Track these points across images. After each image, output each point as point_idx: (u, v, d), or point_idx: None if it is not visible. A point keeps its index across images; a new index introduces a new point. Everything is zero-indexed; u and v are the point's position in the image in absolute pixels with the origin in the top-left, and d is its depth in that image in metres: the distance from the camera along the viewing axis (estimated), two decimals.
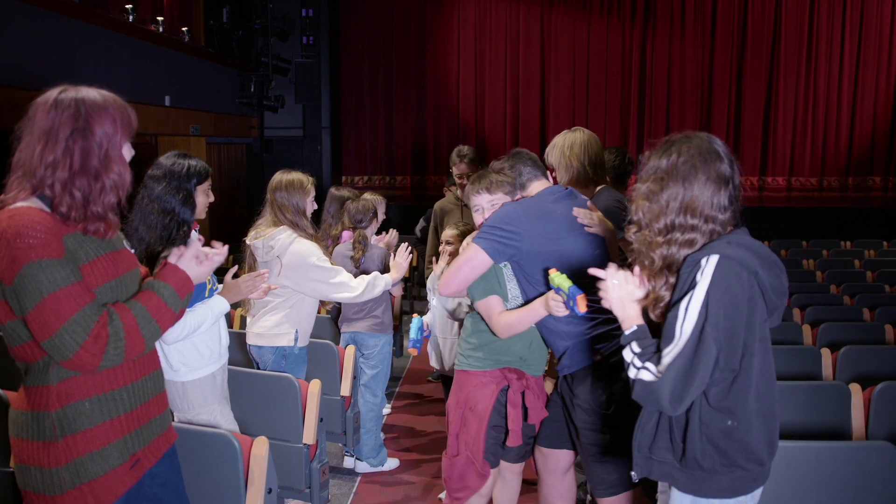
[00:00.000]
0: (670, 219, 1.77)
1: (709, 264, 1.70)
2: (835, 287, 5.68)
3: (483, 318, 2.56)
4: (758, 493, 1.83)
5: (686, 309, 1.70)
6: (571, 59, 12.21)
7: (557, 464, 2.66)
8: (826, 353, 3.52)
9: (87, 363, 1.60)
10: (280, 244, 3.18)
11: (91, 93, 1.68)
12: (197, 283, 1.88)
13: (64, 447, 1.64)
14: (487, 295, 2.51)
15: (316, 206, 3.37)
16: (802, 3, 11.84)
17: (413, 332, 3.53)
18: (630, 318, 1.84)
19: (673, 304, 1.75)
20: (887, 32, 11.73)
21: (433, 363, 3.60)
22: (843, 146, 11.92)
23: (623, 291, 1.85)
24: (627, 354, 1.80)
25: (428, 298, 3.69)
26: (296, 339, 3.25)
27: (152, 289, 1.76)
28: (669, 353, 1.71)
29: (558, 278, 2.22)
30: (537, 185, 2.60)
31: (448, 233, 3.52)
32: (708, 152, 1.77)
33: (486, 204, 2.56)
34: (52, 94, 1.66)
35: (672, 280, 1.79)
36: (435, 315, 3.52)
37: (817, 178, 12.03)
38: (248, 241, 3.28)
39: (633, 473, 1.90)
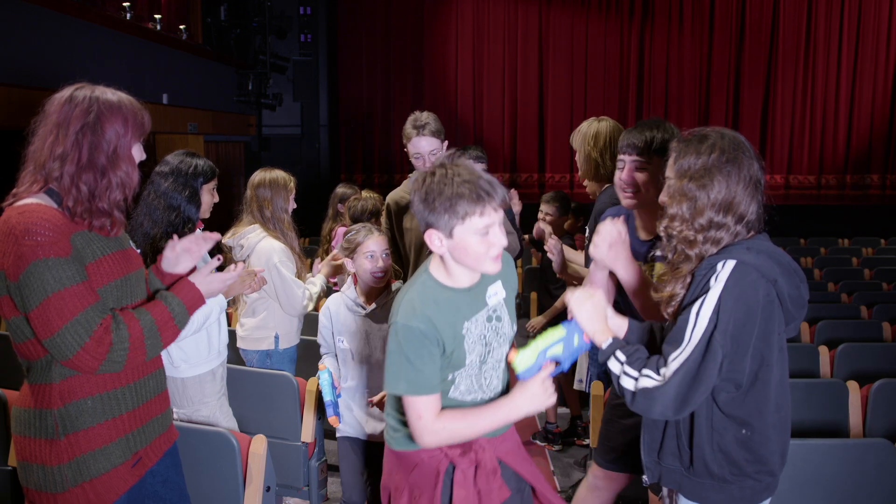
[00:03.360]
0: (709, 216, 1.69)
1: (724, 269, 1.64)
2: (832, 284, 5.69)
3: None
4: (766, 503, 1.81)
5: (697, 314, 1.65)
6: (570, 57, 12.19)
7: (625, 482, 2.52)
8: (824, 351, 3.52)
9: (86, 364, 1.60)
10: (248, 243, 3.17)
11: (107, 92, 1.71)
12: (209, 298, 1.87)
13: (66, 445, 1.65)
14: (424, 392, 1.69)
15: (295, 206, 3.31)
16: (800, 1, 11.85)
17: (327, 393, 2.53)
18: (598, 332, 1.75)
19: (684, 308, 1.70)
20: (885, 30, 11.74)
21: (350, 430, 2.67)
22: (841, 144, 11.93)
23: (584, 309, 1.76)
24: (615, 366, 1.71)
25: (336, 343, 2.65)
26: (276, 342, 3.22)
27: (164, 301, 1.76)
28: (677, 358, 1.65)
29: (527, 356, 1.72)
30: None
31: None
32: (744, 151, 1.71)
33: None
34: (69, 90, 1.69)
35: (689, 280, 1.73)
36: (339, 364, 2.66)
37: (815, 175, 12.04)
38: (223, 241, 3.23)
39: (644, 478, 1.87)
